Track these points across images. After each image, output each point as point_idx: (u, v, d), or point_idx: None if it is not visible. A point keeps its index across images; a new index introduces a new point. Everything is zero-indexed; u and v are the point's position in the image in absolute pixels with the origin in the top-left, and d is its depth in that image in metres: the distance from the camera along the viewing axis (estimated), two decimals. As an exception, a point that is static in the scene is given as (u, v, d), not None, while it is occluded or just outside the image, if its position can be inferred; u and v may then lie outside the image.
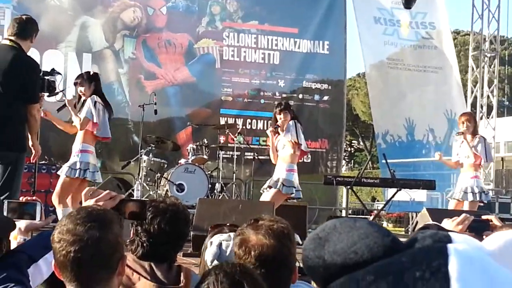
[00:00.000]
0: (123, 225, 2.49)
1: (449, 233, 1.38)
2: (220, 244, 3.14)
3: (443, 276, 1.24)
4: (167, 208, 3.37)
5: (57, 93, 7.95)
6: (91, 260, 2.26)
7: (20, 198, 3.34)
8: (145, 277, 3.25)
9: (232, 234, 3.18)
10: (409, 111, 15.89)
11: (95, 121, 8.30)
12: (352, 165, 47.23)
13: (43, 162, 10.92)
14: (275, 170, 9.52)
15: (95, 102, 8.32)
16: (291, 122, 9.33)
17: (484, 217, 3.89)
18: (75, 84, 8.48)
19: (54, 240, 2.31)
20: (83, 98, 8.40)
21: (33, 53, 9.29)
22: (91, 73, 8.80)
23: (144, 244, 3.31)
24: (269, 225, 2.76)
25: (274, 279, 2.63)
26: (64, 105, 8.28)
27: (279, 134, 9.43)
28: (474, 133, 9.94)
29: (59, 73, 7.88)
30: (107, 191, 2.93)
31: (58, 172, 8.46)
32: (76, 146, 8.37)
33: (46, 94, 7.59)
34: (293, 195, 9.41)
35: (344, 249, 1.39)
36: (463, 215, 3.60)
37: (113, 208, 2.76)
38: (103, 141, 8.86)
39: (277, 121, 9.39)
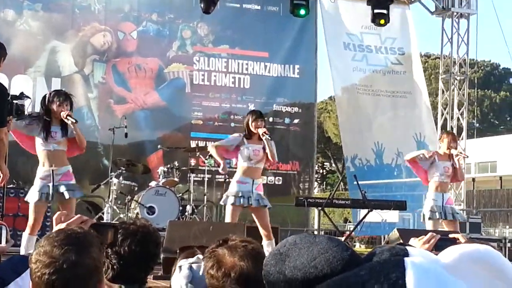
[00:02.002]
0: (104, 248, 2.48)
1: (406, 247, 1.40)
2: (190, 267, 3.14)
3: (400, 288, 1.26)
4: (137, 230, 3.36)
5: (25, 116, 7.91)
6: (66, 284, 2.24)
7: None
8: (115, 300, 3.24)
9: (200, 256, 3.17)
10: (378, 135, 15.96)
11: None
12: (324, 186, 47.26)
13: (11, 186, 10.81)
14: (241, 180, 9.12)
15: None
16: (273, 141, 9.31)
17: (450, 235, 3.93)
18: (68, 104, 8.27)
19: (31, 261, 2.29)
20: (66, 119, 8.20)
21: (1, 78, 9.26)
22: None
23: (115, 267, 3.30)
24: (244, 246, 2.78)
25: None
26: (69, 116, 8.14)
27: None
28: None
29: (28, 97, 7.85)
30: (78, 215, 2.91)
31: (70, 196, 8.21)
32: (65, 168, 8.29)
33: (15, 118, 7.55)
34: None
35: (304, 264, 1.41)
36: (430, 234, 3.63)
37: (96, 231, 2.74)
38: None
39: (249, 129, 9.11)
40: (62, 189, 8.11)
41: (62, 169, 8.19)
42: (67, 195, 8.10)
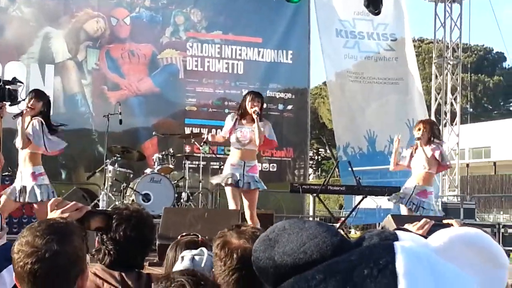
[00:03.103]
0: (86, 238, 2.47)
1: (396, 231, 1.40)
2: (193, 258, 3.14)
3: (390, 272, 1.26)
4: (131, 215, 3.39)
5: (19, 102, 7.89)
6: (48, 273, 2.25)
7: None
8: (116, 287, 3.25)
9: (203, 248, 3.19)
10: (369, 123, 15.97)
11: (39, 144, 8.26)
12: (319, 173, 47.30)
13: (7, 173, 10.79)
14: (233, 163, 9.14)
15: (42, 124, 8.26)
16: (269, 125, 9.34)
17: (445, 221, 3.93)
18: (35, 98, 8.27)
19: (14, 251, 2.30)
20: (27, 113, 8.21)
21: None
22: (45, 92, 8.76)
23: (111, 252, 3.33)
24: (253, 232, 2.83)
25: (252, 283, 2.65)
26: (21, 113, 8.13)
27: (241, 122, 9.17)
28: (430, 141, 9.87)
29: (20, 82, 7.83)
30: (73, 202, 2.90)
31: (28, 200, 8.29)
32: (34, 168, 8.30)
33: (8, 103, 7.53)
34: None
35: (293, 250, 1.40)
36: (423, 220, 3.63)
37: (78, 220, 2.74)
38: (53, 154, 8.78)
39: (244, 108, 9.10)
40: (28, 188, 8.23)
41: (31, 169, 8.29)
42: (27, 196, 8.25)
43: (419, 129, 9.80)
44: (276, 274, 1.42)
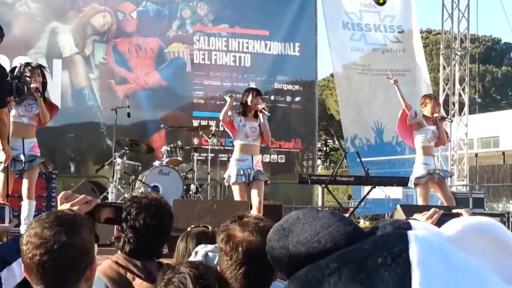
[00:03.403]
0: (95, 230, 2.48)
1: (409, 220, 1.40)
2: (206, 254, 3.15)
3: (404, 261, 1.26)
4: (150, 203, 3.43)
5: (27, 96, 7.92)
6: (56, 264, 2.25)
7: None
8: (139, 276, 3.28)
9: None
10: (377, 114, 15.95)
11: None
12: (328, 164, 47.26)
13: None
14: (240, 158, 9.23)
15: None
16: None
17: (454, 211, 3.93)
18: (39, 75, 8.38)
19: (22, 242, 2.31)
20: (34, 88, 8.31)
21: (2, 59, 9.24)
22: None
23: (131, 240, 3.37)
24: (256, 223, 2.78)
25: (259, 275, 2.66)
26: (37, 90, 8.19)
27: (244, 116, 9.33)
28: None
29: (28, 77, 7.85)
30: (83, 195, 2.90)
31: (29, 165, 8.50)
32: (33, 140, 8.48)
33: (15, 98, 7.56)
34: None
35: (307, 239, 1.41)
36: (432, 209, 3.62)
37: (87, 212, 2.74)
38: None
39: (247, 105, 9.33)
40: (31, 157, 8.43)
41: (31, 140, 8.46)
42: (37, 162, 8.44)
43: (434, 106, 9.96)
44: (291, 263, 1.43)
